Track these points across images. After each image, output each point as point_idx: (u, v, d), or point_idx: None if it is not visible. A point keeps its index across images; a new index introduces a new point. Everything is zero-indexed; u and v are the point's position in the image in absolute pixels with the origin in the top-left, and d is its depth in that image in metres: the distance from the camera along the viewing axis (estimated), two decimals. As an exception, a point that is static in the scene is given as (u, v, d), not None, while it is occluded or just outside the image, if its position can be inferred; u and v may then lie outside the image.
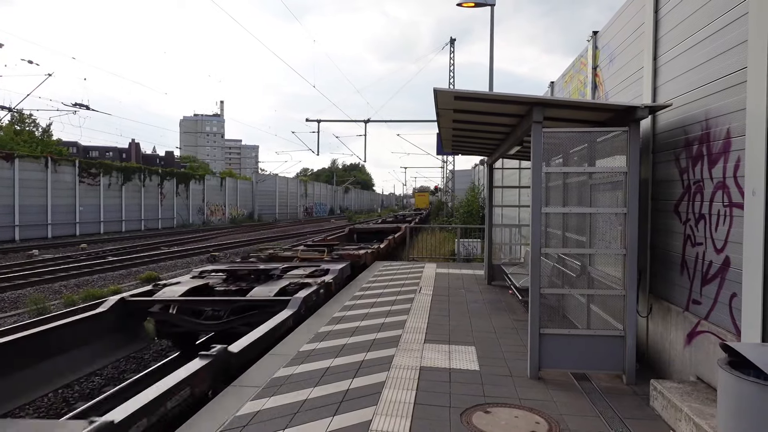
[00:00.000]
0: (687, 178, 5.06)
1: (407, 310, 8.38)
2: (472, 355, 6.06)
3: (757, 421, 2.43)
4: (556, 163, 7.47)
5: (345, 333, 6.95)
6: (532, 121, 5.25)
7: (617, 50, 7.14)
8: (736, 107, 4.18)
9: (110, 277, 16.68)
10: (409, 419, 4.27)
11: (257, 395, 4.78)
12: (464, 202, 25.30)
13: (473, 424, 4.22)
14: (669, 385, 4.53)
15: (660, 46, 5.70)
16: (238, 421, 4.24)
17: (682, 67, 5.18)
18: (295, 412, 4.39)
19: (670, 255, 5.38)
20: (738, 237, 4.13)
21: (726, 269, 4.35)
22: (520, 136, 6.80)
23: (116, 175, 35.64)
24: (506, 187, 12.82)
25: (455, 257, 16.76)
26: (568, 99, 7.32)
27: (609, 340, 5.27)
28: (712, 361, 4.46)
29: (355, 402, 4.61)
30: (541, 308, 5.33)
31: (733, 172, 4.24)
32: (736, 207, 4.19)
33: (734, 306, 4.20)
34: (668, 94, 5.46)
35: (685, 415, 4.02)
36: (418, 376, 5.31)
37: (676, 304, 5.22)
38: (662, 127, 5.67)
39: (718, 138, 4.50)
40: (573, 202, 7.23)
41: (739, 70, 4.13)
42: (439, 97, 5.54)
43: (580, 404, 4.70)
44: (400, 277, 12.01)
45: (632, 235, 5.18)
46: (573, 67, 9.63)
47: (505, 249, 15.02)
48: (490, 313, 8.38)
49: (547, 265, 7.16)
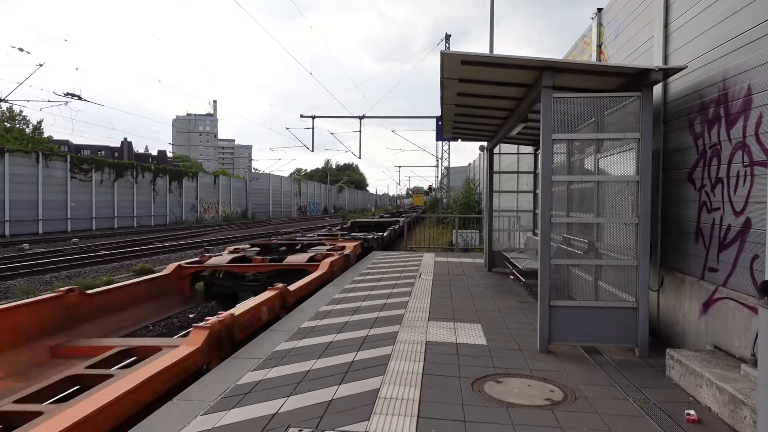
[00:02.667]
0: (702, 143, 4.91)
1: (408, 292, 8.20)
2: (478, 332, 5.88)
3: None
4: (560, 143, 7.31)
5: (346, 312, 6.75)
6: (542, 86, 5.09)
7: (624, 24, 6.99)
8: (758, 62, 4.03)
9: (102, 269, 16.37)
10: (418, 387, 4.09)
11: (258, 366, 4.57)
12: (461, 194, 25.15)
13: (486, 392, 4.04)
14: (687, 354, 4.37)
15: (671, 12, 5.56)
16: (239, 389, 4.04)
17: (696, 30, 5.03)
18: (299, 382, 4.19)
19: (684, 224, 5.23)
20: (760, 196, 3.98)
21: (746, 231, 4.19)
22: (526, 109, 6.63)
23: (108, 171, 35.20)
24: (505, 172, 12.67)
25: (453, 248, 16.59)
26: (579, 62, 7.13)
27: (621, 312, 5.11)
28: (731, 327, 4.31)
29: (361, 372, 4.42)
30: (550, 280, 5.17)
31: (755, 130, 4.09)
32: (759, 165, 4.03)
33: (756, 268, 4.05)
34: (681, 60, 5.31)
35: (706, 380, 3.86)
36: (424, 349, 5.13)
37: (691, 274, 5.07)
38: (674, 95, 5.52)
39: (737, 97, 4.34)
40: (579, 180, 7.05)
41: (762, 23, 3.98)
42: (445, 62, 5.35)
43: (593, 375, 4.54)
44: (399, 264, 11.82)
45: (645, 203, 5.02)
46: (575, 48, 9.49)
47: (503, 236, 14.88)
48: (493, 295, 8.21)
49: (553, 246, 6.98)
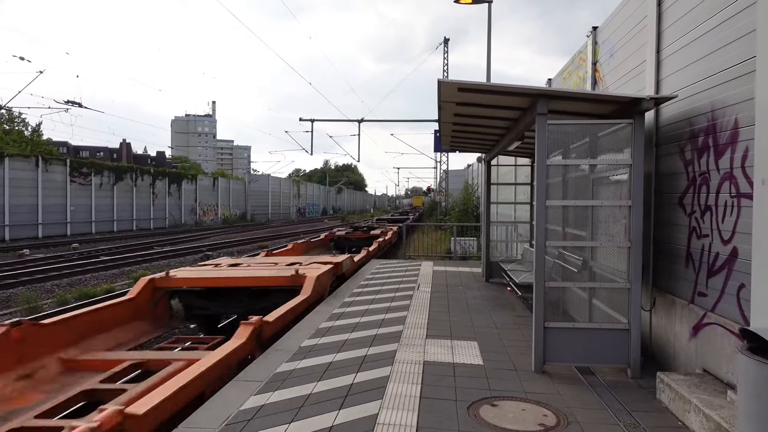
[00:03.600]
0: (692, 170, 5.04)
1: (407, 306, 8.33)
2: (475, 350, 6.01)
3: (780, 406, 2.40)
4: (556, 158, 7.45)
5: (346, 329, 6.88)
6: (537, 113, 5.22)
7: (618, 44, 7.13)
8: (744, 97, 4.17)
9: (103, 276, 16.50)
10: (416, 412, 4.22)
11: (260, 389, 4.70)
12: (459, 200, 25.28)
13: (481, 417, 4.17)
14: (676, 378, 4.51)
15: (663, 38, 5.69)
16: (243, 414, 4.16)
17: (686, 59, 5.16)
18: (300, 406, 4.31)
19: (675, 248, 5.36)
20: (746, 227, 4.11)
21: (733, 260, 4.33)
22: (522, 130, 6.76)
23: (108, 174, 35.31)
24: (502, 184, 12.80)
25: (451, 255, 16.72)
26: (573, 91, 7.28)
27: (613, 333, 5.25)
28: (718, 352, 4.44)
29: (360, 396, 4.54)
30: (545, 302, 5.30)
31: (741, 163, 4.22)
32: (745, 197, 4.17)
33: (742, 297, 4.18)
34: (672, 86, 5.45)
35: (694, 406, 3.99)
36: (422, 370, 5.26)
37: (681, 296, 5.21)
38: (666, 120, 5.66)
39: (725, 129, 4.48)
40: (573, 197, 7.19)
41: (748, 60, 4.11)
42: (442, 89, 5.49)
43: (586, 397, 4.67)
44: (398, 274, 11.95)
45: (637, 228, 5.16)
46: (572, 63, 9.63)
47: (501, 246, 15.01)
48: (490, 309, 8.34)
49: (548, 261, 7.11)
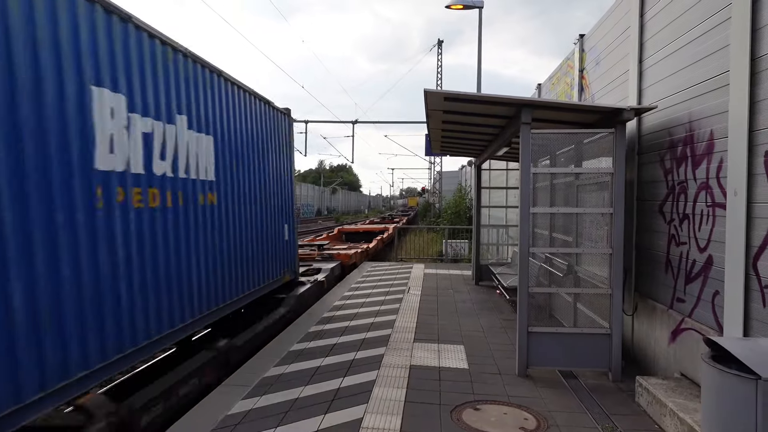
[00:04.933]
0: (671, 178, 5.17)
1: (396, 309, 8.43)
2: (461, 354, 6.12)
3: (738, 412, 2.51)
4: (543, 164, 7.58)
5: (335, 332, 6.98)
6: (521, 122, 5.33)
7: (603, 53, 7.25)
8: (719, 110, 4.29)
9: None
10: (399, 417, 4.32)
11: (248, 394, 4.79)
12: (451, 202, 25.45)
13: (463, 421, 4.28)
14: (654, 382, 4.63)
15: (645, 49, 5.82)
16: (230, 419, 4.25)
17: (666, 71, 5.29)
18: (286, 411, 4.41)
19: (655, 254, 5.49)
20: (720, 236, 4.24)
21: (709, 268, 4.45)
22: (509, 137, 6.88)
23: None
24: (494, 188, 12.93)
25: (443, 258, 16.84)
26: (555, 101, 7.42)
27: (595, 338, 5.36)
28: (695, 357, 4.57)
29: (346, 400, 4.64)
30: (529, 307, 5.41)
31: (716, 173, 4.35)
32: (719, 207, 4.29)
33: (717, 303, 4.31)
34: (653, 96, 5.58)
35: (669, 410, 4.11)
36: (408, 374, 5.36)
37: (661, 302, 5.33)
38: (647, 129, 5.78)
39: (701, 140, 4.61)
40: (560, 202, 7.33)
41: (722, 74, 4.24)
42: (429, 98, 5.60)
43: (567, 401, 4.78)
44: (389, 277, 12.05)
45: (618, 235, 5.28)
46: (560, 69, 9.76)
47: (492, 249, 15.14)
48: (479, 312, 8.46)
49: (535, 265, 7.25)
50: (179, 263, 5.18)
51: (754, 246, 3.79)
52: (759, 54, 3.75)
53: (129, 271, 4.35)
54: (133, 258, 4.42)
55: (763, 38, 3.72)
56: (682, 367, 4.81)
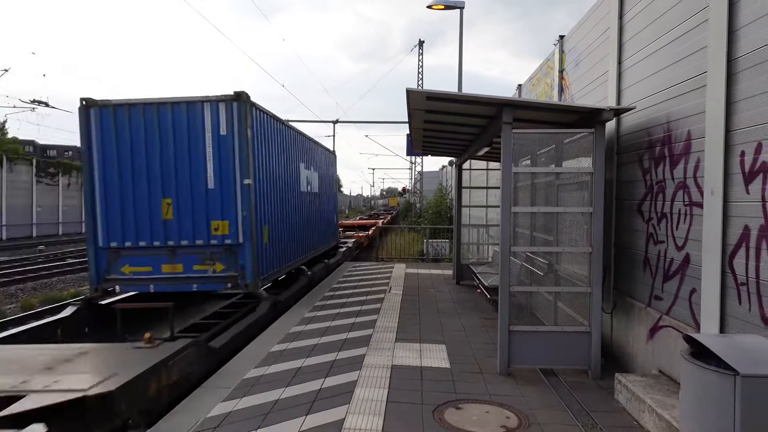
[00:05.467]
0: (650, 178, 5.24)
1: (377, 309, 8.40)
2: (442, 353, 6.12)
3: (717, 407, 2.54)
4: (524, 163, 7.63)
5: (316, 333, 6.92)
6: (502, 122, 5.34)
7: (583, 54, 7.33)
8: (696, 110, 4.36)
9: (70, 279, 16.15)
10: (381, 417, 4.29)
11: (228, 396, 4.72)
12: (432, 202, 25.53)
13: (445, 420, 4.27)
14: (632, 379, 4.68)
15: (624, 50, 5.89)
16: (209, 422, 4.18)
17: (645, 72, 5.36)
18: (267, 413, 4.35)
19: (634, 253, 5.56)
20: (697, 235, 4.31)
21: (686, 266, 4.52)
22: (490, 137, 6.90)
23: (76, 175, 34.50)
24: (474, 187, 12.98)
25: (424, 257, 16.87)
26: (536, 101, 7.47)
27: (575, 336, 5.41)
28: (673, 354, 4.63)
29: (327, 401, 4.60)
30: (510, 306, 5.43)
31: (694, 173, 4.42)
32: (696, 206, 4.36)
33: (694, 301, 4.38)
34: (632, 97, 5.65)
35: (648, 406, 4.16)
36: (389, 374, 5.34)
37: (639, 300, 5.40)
38: (626, 129, 5.85)
39: (679, 140, 4.67)
40: (540, 202, 7.39)
41: (699, 75, 4.30)
42: (411, 97, 5.58)
43: (548, 399, 4.81)
44: (370, 277, 12.02)
45: (597, 234, 5.33)
46: (540, 70, 9.84)
47: (473, 249, 15.21)
48: (460, 312, 8.48)
49: (516, 264, 7.29)
50: (306, 225, 11.71)
51: (730, 244, 3.86)
52: (735, 55, 3.82)
53: (302, 224, 11.25)
54: (308, 217, 11.80)
55: (739, 40, 3.79)
56: (660, 364, 4.87)
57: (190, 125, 7.67)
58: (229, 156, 7.62)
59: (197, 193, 7.73)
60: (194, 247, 7.76)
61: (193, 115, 7.65)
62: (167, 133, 7.70)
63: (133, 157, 7.73)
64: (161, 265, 7.76)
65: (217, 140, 7.62)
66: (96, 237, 7.83)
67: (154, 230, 7.80)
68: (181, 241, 7.77)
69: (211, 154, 7.67)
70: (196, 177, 7.72)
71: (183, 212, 7.78)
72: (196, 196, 7.74)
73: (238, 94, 7.56)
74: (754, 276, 3.60)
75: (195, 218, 7.77)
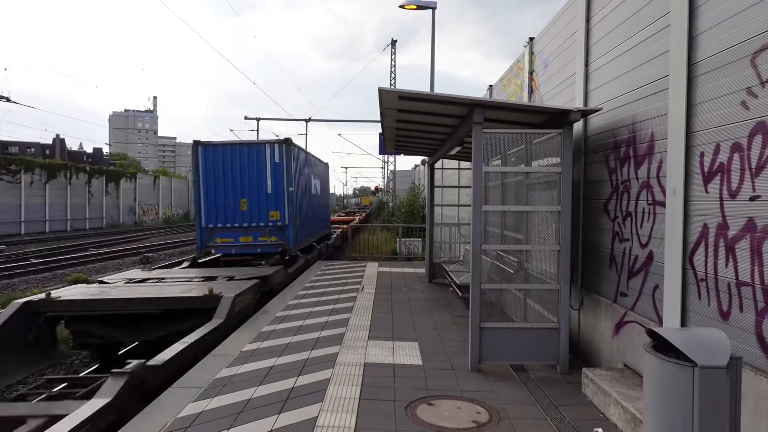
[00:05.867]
0: (615, 178, 5.39)
1: (350, 308, 8.42)
2: (415, 351, 6.17)
3: (677, 398, 2.65)
4: (495, 163, 7.74)
5: (288, 332, 6.90)
6: (473, 122, 5.42)
7: (552, 56, 7.48)
8: (659, 112, 4.51)
9: (33, 279, 15.68)
10: (354, 414, 4.31)
11: (199, 396, 4.67)
12: (405, 201, 25.65)
13: (418, 416, 4.32)
14: (599, 373, 4.82)
15: (591, 53, 6.04)
16: (180, 422, 4.13)
17: (611, 74, 5.51)
18: (239, 412, 4.32)
19: (600, 251, 5.71)
20: (660, 233, 4.46)
21: (650, 263, 4.67)
22: (461, 136, 6.99)
23: (39, 172, 33.48)
24: (446, 186, 13.09)
25: (397, 256, 16.94)
26: (507, 101, 7.60)
27: (544, 332, 5.53)
28: (637, 348, 4.78)
29: (300, 399, 4.60)
30: (481, 303, 5.52)
31: (657, 173, 4.57)
32: (659, 205, 4.51)
33: (657, 297, 4.53)
34: (599, 98, 5.80)
35: (613, 399, 4.29)
36: (362, 372, 5.36)
37: (606, 296, 5.55)
38: (593, 130, 6.00)
39: (643, 141, 4.82)
40: (511, 201, 7.52)
41: (662, 78, 4.45)
42: (383, 97, 5.62)
43: (518, 394, 4.91)
44: (343, 276, 12.02)
45: (566, 232, 5.46)
46: (511, 71, 9.99)
47: (445, 247, 15.34)
48: (432, 310, 8.56)
49: (486, 262, 7.39)
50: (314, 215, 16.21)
51: (690, 242, 4.01)
52: (695, 60, 3.97)
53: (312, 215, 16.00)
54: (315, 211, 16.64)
55: (699, 45, 3.93)
56: (626, 358, 5.03)
57: (258, 156, 12.68)
58: (281, 174, 12.68)
59: (261, 195, 12.70)
60: (259, 227, 12.74)
61: (260, 150, 12.74)
62: (244, 160, 12.68)
63: (224, 174, 12.66)
64: (239, 237, 12.77)
65: (273, 165, 12.68)
66: (201, 221, 12.64)
67: (236, 216, 12.69)
68: (251, 223, 12.75)
69: (269, 172, 12.69)
70: (261, 186, 12.69)
71: (253, 206, 12.74)
72: (261, 197, 12.70)
73: (286, 139, 12.84)
74: (712, 272, 3.75)
75: (260, 210, 12.73)
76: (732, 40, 3.57)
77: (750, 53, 3.39)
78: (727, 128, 3.62)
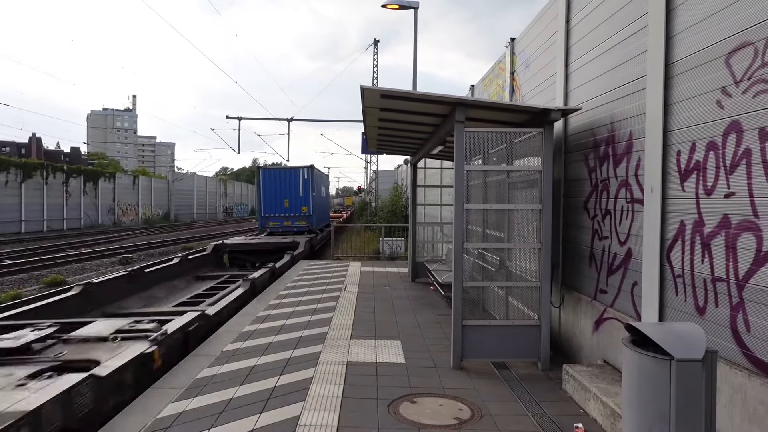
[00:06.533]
0: (595, 176, 5.46)
1: (333, 307, 8.40)
2: (397, 349, 6.18)
3: (655, 391, 2.69)
4: (476, 162, 7.79)
5: (270, 331, 6.86)
6: (455, 120, 5.45)
7: (532, 56, 7.55)
8: (637, 112, 4.58)
9: (8, 281, 15.35)
10: (337, 413, 4.31)
11: (180, 396, 4.62)
12: (388, 201, 25.70)
13: (400, 414, 4.33)
14: (579, 369, 4.88)
15: (571, 53, 6.11)
16: (160, 423, 4.08)
17: (590, 74, 5.58)
18: (220, 412, 4.29)
19: (580, 248, 5.78)
20: (639, 230, 4.53)
21: (628, 260, 4.75)
22: (443, 135, 7.02)
23: (15, 171, 32.79)
24: (429, 186, 13.14)
25: (380, 256, 16.95)
26: (488, 100, 7.66)
27: (525, 329, 5.58)
28: (617, 344, 4.85)
29: (282, 398, 4.58)
30: (463, 301, 5.55)
31: (635, 171, 4.64)
32: (637, 203, 4.58)
33: (635, 293, 4.60)
34: (579, 98, 5.87)
35: (593, 395, 4.35)
36: (345, 370, 5.36)
37: (586, 294, 5.62)
38: (573, 129, 6.08)
39: (621, 140, 4.90)
40: (492, 199, 7.57)
41: (640, 78, 4.53)
42: (366, 95, 5.61)
43: (500, 391, 4.95)
44: (325, 275, 11.99)
45: (546, 230, 5.51)
46: (492, 71, 10.07)
47: (427, 246, 15.39)
48: (415, 308, 8.58)
49: (468, 260, 7.43)
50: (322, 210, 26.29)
51: (668, 239, 4.08)
52: (672, 60, 4.04)
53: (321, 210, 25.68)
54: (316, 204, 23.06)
55: (676, 45, 4.01)
56: (605, 354, 5.10)
57: (294, 175, 21.81)
58: (307, 185, 21.57)
59: (296, 197, 21.50)
60: (295, 216, 21.48)
61: (296, 171, 21.94)
62: (285, 177, 21.84)
63: (273, 186, 21.54)
64: (284, 222, 21.44)
65: (303, 180, 21.69)
66: (261, 212, 21.62)
67: (281, 209, 21.41)
68: (290, 213, 21.45)
69: (301, 185, 21.63)
70: (296, 192, 21.55)
71: (292, 204, 21.51)
72: (296, 198, 21.50)
73: (311, 165, 22.05)
74: (689, 269, 3.82)
75: (296, 206, 21.50)
76: (707, 41, 3.64)
77: (724, 53, 3.47)
78: (702, 127, 3.69)
